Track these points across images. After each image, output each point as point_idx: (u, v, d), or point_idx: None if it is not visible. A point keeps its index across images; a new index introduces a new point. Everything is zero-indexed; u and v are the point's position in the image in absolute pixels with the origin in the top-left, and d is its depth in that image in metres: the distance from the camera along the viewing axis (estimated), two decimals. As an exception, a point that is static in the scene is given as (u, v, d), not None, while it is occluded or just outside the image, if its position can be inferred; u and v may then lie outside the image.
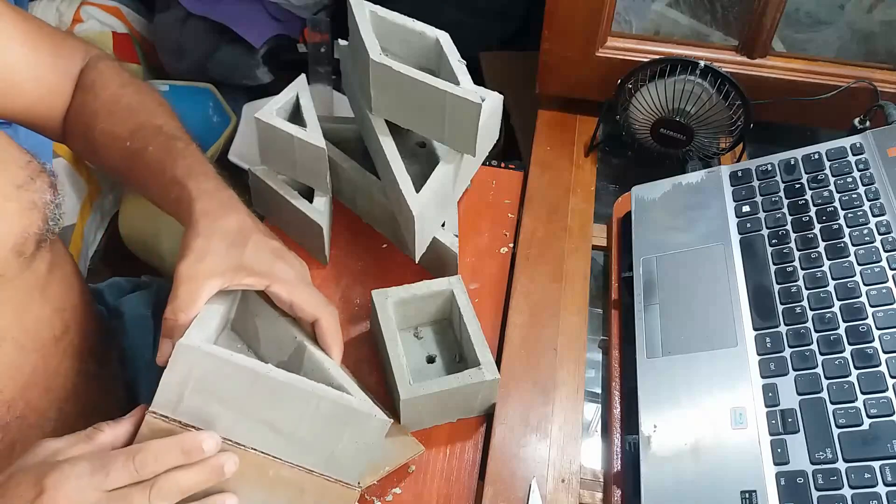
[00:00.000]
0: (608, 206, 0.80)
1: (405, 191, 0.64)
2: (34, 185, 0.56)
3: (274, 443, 0.50)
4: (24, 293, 0.58)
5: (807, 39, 0.86)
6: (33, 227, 0.56)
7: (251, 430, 0.50)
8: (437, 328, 0.68)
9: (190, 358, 0.48)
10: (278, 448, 0.51)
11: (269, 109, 0.70)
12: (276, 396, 0.49)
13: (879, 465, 0.50)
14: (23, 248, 0.55)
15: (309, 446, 0.51)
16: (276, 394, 0.49)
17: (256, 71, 1.35)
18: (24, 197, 0.55)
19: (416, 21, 0.69)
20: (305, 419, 0.50)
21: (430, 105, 0.65)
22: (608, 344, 0.69)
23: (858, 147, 0.68)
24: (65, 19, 1.36)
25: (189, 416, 0.48)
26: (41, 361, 0.60)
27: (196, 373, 0.48)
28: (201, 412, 0.49)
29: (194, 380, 0.48)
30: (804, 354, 0.57)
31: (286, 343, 0.58)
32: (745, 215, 0.68)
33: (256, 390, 0.49)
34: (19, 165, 0.56)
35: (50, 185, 0.58)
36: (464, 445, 0.63)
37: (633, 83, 0.79)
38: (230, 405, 0.49)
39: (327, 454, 0.52)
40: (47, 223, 0.57)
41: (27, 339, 0.59)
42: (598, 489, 0.61)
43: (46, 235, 0.57)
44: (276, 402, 0.49)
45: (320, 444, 0.51)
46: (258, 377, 0.49)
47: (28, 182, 0.56)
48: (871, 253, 0.60)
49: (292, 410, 0.50)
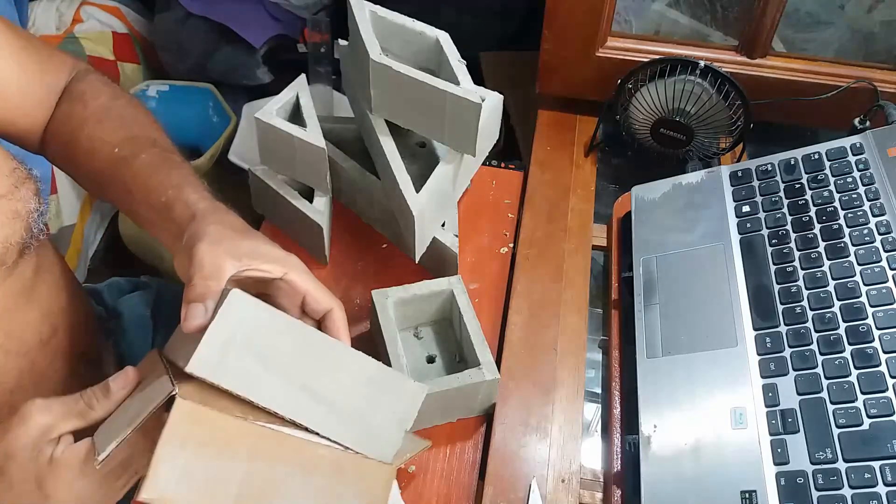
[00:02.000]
0: (608, 206, 0.80)
1: (405, 191, 0.64)
2: (18, 194, 0.55)
3: (314, 414, 0.48)
4: (9, 299, 0.58)
5: (807, 39, 0.86)
6: (15, 237, 0.55)
7: (292, 397, 0.47)
8: (437, 328, 0.68)
9: (242, 309, 0.45)
10: (317, 420, 0.49)
11: (269, 109, 0.70)
12: (322, 358, 0.48)
13: (879, 465, 0.50)
14: (4, 258, 0.54)
15: (347, 418, 0.50)
16: (323, 355, 0.48)
17: (256, 71, 1.35)
18: (6, 207, 0.54)
19: (416, 21, 0.69)
20: (347, 385, 0.49)
21: (430, 105, 0.65)
22: (608, 344, 0.69)
23: (858, 147, 0.68)
24: (65, 19, 1.36)
25: (230, 379, 0.45)
26: (28, 365, 0.59)
27: (245, 327, 0.45)
28: (243, 375, 0.46)
29: (242, 335, 0.45)
30: (804, 354, 0.57)
31: None
32: (745, 215, 0.68)
33: (304, 350, 0.47)
34: (4, 174, 0.55)
35: (35, 192, 0.57)
36: (464, 445, 0.63)
37: (633, 83, 0.79)
38: (274, 368, 0.47)
39: (365, 427, 0.50)
40: (30, 231, 0.56)
41: (12, 343, 0.58)
42: (598, 489, 0.61)
43: (30, 243, 0.56)
44: (321, 364, 0.48)
45: (358, 416, 0.50)
46: (308, 334, 0.48)
47: (11, 191, 0.55)
48: (871, 253, 0.60)
49: (335, 374, 0.48)
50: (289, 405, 0.47)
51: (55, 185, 1.23)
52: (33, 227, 0.56)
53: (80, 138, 0.63)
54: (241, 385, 0.46)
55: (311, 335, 0.49)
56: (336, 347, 0.50)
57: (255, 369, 0.46)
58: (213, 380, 0.45)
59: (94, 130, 0.63)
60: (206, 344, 0.44)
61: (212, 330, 0.45)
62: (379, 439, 0.51)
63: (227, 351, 0.45)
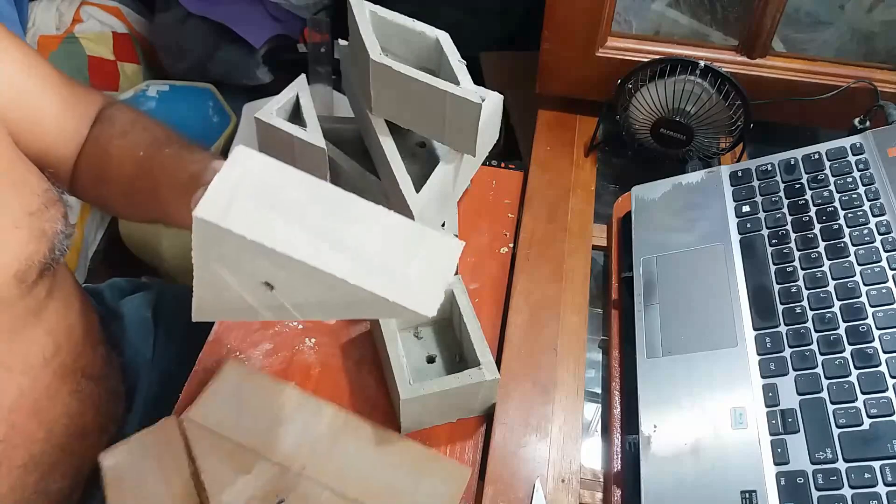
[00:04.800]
0: (608, 206, 0.80)
1: (405, 191, 0.64)
2: (47, 214, 0.56)
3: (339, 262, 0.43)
4: (20, 319, 0.58)
5: (807, 39, 0.86)
6: (38, 256, 0.55)
7: (313, 244, 0.43)
8: (437, 328, 0.68)
9: (250, 158, 0.42)
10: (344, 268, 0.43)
11: (269, 109, 0.70)
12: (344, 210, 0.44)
13: (879, 465, 0.50)
14: (25, 276, 0.55)
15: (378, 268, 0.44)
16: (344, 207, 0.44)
17: (256, 71, 1.35)
18: (34, 224, 0.55)
19: (416, 21, 0.69)
20: (375, 237, 0.44)
21: (430, 105, 0.64)
22: (608, 344, 0.69)
23: (858, 147, 0.68)
24: (65, 19, 1.36)
25: (241, 223, 0.41)
26: (29, 383, 0.59)
27: (254, 178, 0.42)
28: (255, 219, 0.42)
29: (252, 184, 0.42)
30: (804, 354, 0.57)
31: None
32: (745, 215, 0.68)
33: (322, 201, 0.43)
34: (35, 192, 0.56)
35: (63, 214, 0.58)
36: (464, 445, 0.63)
37: (633, 83, 0.79)
38: (289, 216, 0.42)
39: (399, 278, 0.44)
40: (54, 252, 0.56)
41: (15, 361, 0.58)
42: (598, 489, 0.61)
43: (51, 264, 0.57)
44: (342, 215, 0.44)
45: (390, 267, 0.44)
46: (325, 188, 0.43)
47: (41, 210, 0.56)
48: (871, 253, 0.60)
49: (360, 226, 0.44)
50: (308, 251, 0.42)
51: (55, 185, 1.23)
52: (57, 248, 0.57)
53: (110, 151, 0.65)
54: (254, 231, 0.41)
55: (330, 189, 0.44)
56: (358, 202, 0.44)
57: (268, 215, 0.42)
58: (224, 224, 0.41)
59: (121, 141, 0.66)
60: (214, 189, 0.41)
61: (219, 177, 0.41)
62: (418, 292, 0.44)
63: (235, 196, 0.41)
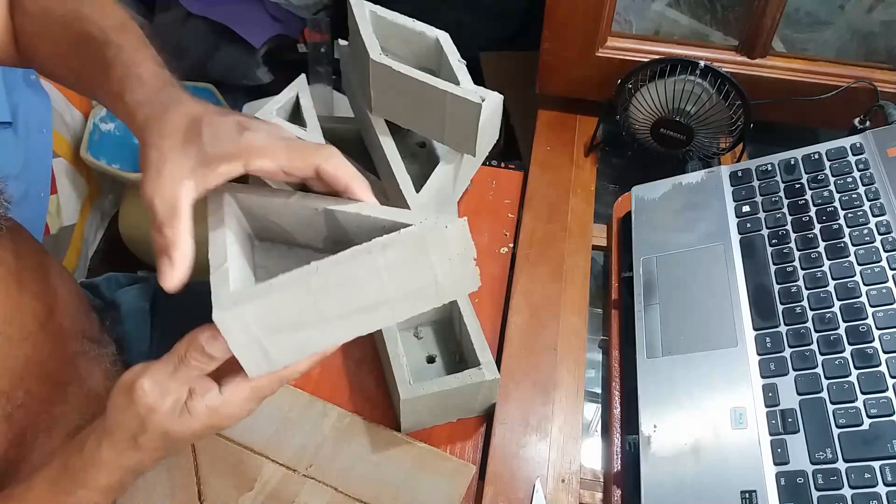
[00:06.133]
0: (608, 206, 0.80)
1: (405, 191, 0.64)
2: None
3: (375, 322, 0.44)
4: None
5: (807, 39, 0.86)
6: None
7: (346, 325, 0.44)
8: (437, 328, 0.68)
9: (236, 321, 0.42)
10: (382, 321, 0.45)
11: (269, 109, 0.70)
12: (341, 283, 0.43)
13: (879, 465, 0.50)
14: None
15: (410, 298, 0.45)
16: (339, 280, 0.43)
17: (256, 71, 1.35)
18: None
19: (416, 21, 0.69)
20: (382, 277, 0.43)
21: (430, 105, 0.64)
22: (608, 344, 0.69)
23: (858, 147, 0.68)
24: (65, 19, 1.36)
25: (284, 357, 0.44)
26: (32, 349, 0.59)
27: (256, 326, 0.42)
28: (291, 346, 0.43)
29: (259, 329, 0.42)
30: (804, 354, 0.57)
31: (314, 220, 0.49)
32: (745, 215, 0.68)
33: (320, 291, 0.43)
34: None
35: None
36: (464, 445, 0.63)
37: (633, 83, 0.79)
38: (309, 321, 0.43)
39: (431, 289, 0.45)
40: None
41: (13, 329, 0.58)
42: (598, 489, 0.61)
43: None
44: (345, 288, 0.43)
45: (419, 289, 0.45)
46: (311, 279, 0.42)
47: None
48: (871, 253, 0.60)
49: (367, 283, 0.43)
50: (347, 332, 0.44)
51: (55, 185, 1.23)
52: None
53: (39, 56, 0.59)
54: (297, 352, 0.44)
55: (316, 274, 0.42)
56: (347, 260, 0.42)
57: (298, 335, 0.43)
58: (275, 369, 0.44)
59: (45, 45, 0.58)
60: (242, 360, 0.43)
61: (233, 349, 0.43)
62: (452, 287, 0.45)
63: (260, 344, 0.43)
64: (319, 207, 0.47)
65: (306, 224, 0.49)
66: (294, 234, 0.51)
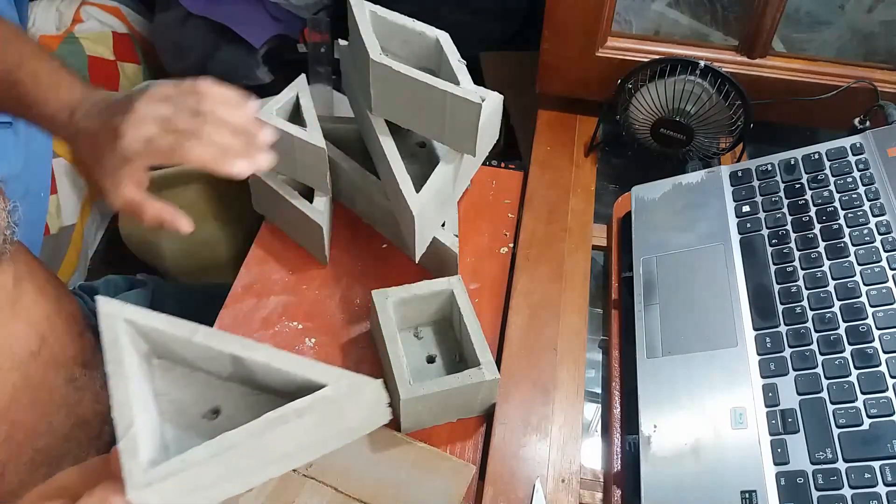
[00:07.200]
0: (608, 206, 0.80)
1: (405, 191, 0.64)
2: None
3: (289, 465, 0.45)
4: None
5: (807, 39, 0.86)
6: None
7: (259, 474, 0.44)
8: (437, 328, 0.68)
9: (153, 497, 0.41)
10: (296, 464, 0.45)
11: (269, 109, 0.70)
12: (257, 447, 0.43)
13: (879, 465, 0.50)
14: None
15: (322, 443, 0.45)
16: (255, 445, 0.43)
17: (256, 71, 1.35)
18: None
19: (416, 21, 0.69)
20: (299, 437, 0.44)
21: (430, 105, 0.65)
22: (608, 344, 0.69)
23: (858, 147, 0.68)
24: (65, 19, 1.36)
25: None
26: (21, 379, 0.58)
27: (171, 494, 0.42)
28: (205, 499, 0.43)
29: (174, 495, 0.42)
30: (804, 354, 0.57)
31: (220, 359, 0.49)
32: (745, 215, 0.68)
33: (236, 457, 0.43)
34: None
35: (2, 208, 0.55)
36: (464, 445, 0.63)
37: (633, 83, 0.79)
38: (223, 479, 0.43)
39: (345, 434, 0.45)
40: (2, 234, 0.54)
41: (2, 358, 0.57)
42: (598, 489, 0.61)
43: (4, 248, 0.54)
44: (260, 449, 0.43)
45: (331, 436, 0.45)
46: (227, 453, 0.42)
47: None
48: (871, 253, 0.60)
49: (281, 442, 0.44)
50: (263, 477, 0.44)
51: (55, 185, 1.23)
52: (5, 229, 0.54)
53: None
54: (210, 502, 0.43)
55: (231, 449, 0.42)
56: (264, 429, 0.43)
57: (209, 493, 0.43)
58: None
59: None
60: None
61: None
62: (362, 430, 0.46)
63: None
64: (226, 351, 0.46)
65: (211, 359, 0.49)
66: (197, 363, 0.50)
